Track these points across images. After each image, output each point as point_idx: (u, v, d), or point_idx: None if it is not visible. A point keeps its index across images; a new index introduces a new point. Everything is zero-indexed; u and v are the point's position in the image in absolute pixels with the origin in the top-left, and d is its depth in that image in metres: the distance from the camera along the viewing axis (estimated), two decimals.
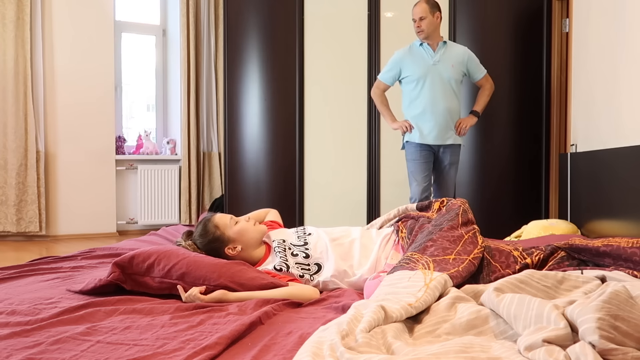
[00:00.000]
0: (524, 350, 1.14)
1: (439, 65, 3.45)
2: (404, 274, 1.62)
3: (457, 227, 1.90)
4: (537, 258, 1.82)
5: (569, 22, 3.98)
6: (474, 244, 1.83)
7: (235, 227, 2.08)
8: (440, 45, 3.49)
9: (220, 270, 1.84)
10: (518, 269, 1.78)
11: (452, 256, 1.74)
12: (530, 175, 4.22)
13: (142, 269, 1.87)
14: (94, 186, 5.17)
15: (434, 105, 3.44)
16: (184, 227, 3.24)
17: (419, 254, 1.76)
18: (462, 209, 2.00)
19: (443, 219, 1.97)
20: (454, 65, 3.46)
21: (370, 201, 4.29)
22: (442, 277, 1.57)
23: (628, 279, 1.60)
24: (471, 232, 1.89)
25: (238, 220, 2.11)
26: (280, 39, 4.36)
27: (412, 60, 3.49)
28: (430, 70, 3.45)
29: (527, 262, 1.81)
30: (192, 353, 1.27)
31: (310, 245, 2.08)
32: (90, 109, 5.15)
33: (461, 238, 1.85)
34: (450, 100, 3.47)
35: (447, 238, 1.84)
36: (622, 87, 3.01)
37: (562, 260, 1.81)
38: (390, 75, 3.57)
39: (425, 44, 3.49)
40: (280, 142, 4.37)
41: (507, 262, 1.82)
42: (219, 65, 5.60)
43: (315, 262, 2.03)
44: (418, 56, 3.49)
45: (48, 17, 4.99)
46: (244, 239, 2.08)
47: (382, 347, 1.24)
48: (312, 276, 2.01)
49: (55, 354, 1.29)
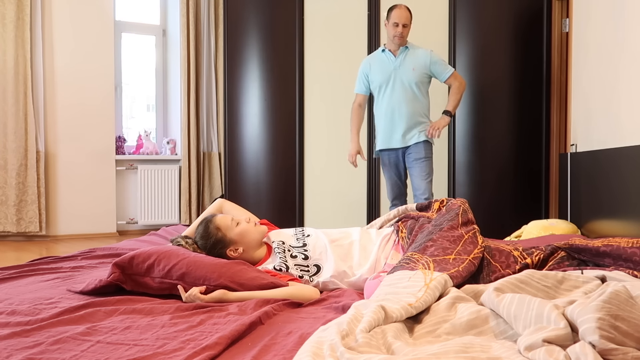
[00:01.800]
0: (524, 350, 1.14)
1: (400, 70, 3.51)
2: (404, 273, 1.62)
3: (457, 227, 1.90)
4: (537, 258, 1.82)
5: (569, 22, 3.98)
6: (474, 244, 1.83)
7: (236, 228, 2.07)
8: (402, 50, 3.54)
9: (220, 270, 1.84)
10: (518, 269, 1.78)
11: (452, 256, 1.74)
12: (530, 175, 4.22)
13: (142, 269, 1.86)
14: (94, 186, 5.17)
15: (395, 110, 3.51)
16: (184, 227, 3.24)
17: (419, 254, 1.76)
18: (462, 209, 2.00)
19: (443, 219, 1.97)
20: (415, 69, 3.50)
21: (370, 201, 4.29)
22: (442, 277, 1.57)
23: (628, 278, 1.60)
24: (471, 232, 1.89)
25: (239, 221, 2.10)
26: (280, 39, 4.36)
27: (376, 68, 3.58)
28: (391, 76, 3.52)
29: (527, 262, 1.81)
30: (192, 353, 1.27)
31: (309, 246, 2.08)
32: (90, 109, 5.15)
33: (461, 238, 1.85)
34: (412, 104, 3.50)
35: (447, 238, 1.84)
36: (622, 87, 3.01)
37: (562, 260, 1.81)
38: (361, 85, 3.68)
39: (387, 50, 3.57)
40: (280, 142, 4.37)
41: (507, 262, 1.82)
42: (219, 65, 5.60)
43: (315, 264, 2.03)
44: (380, 63, 3.57)
45: (48, 17, 4.99)
46: (245, 240, 2.08)
47: (382, 347, 1.24)
48: (311, 277, 2.01)
49: (55, 354, 1.29)
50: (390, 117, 3.54)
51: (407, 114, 3.50)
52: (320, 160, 4.34)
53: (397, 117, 3.53)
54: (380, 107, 3.60)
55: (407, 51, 3.55)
